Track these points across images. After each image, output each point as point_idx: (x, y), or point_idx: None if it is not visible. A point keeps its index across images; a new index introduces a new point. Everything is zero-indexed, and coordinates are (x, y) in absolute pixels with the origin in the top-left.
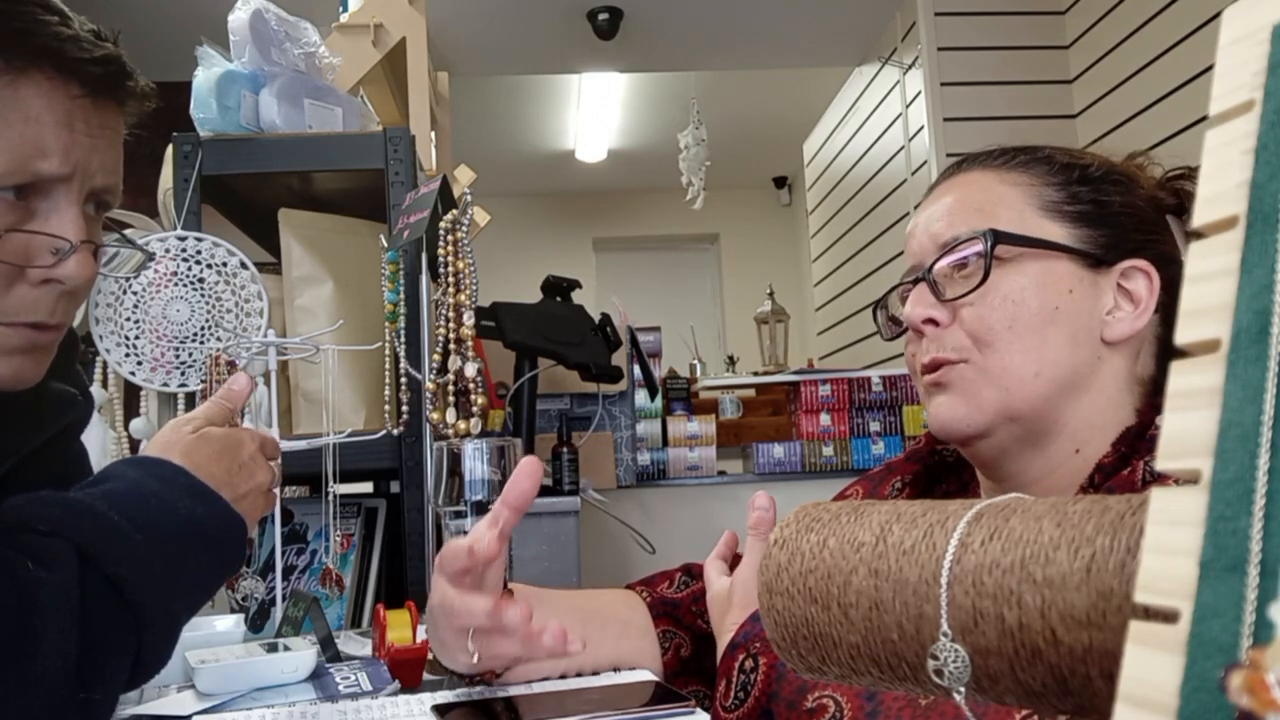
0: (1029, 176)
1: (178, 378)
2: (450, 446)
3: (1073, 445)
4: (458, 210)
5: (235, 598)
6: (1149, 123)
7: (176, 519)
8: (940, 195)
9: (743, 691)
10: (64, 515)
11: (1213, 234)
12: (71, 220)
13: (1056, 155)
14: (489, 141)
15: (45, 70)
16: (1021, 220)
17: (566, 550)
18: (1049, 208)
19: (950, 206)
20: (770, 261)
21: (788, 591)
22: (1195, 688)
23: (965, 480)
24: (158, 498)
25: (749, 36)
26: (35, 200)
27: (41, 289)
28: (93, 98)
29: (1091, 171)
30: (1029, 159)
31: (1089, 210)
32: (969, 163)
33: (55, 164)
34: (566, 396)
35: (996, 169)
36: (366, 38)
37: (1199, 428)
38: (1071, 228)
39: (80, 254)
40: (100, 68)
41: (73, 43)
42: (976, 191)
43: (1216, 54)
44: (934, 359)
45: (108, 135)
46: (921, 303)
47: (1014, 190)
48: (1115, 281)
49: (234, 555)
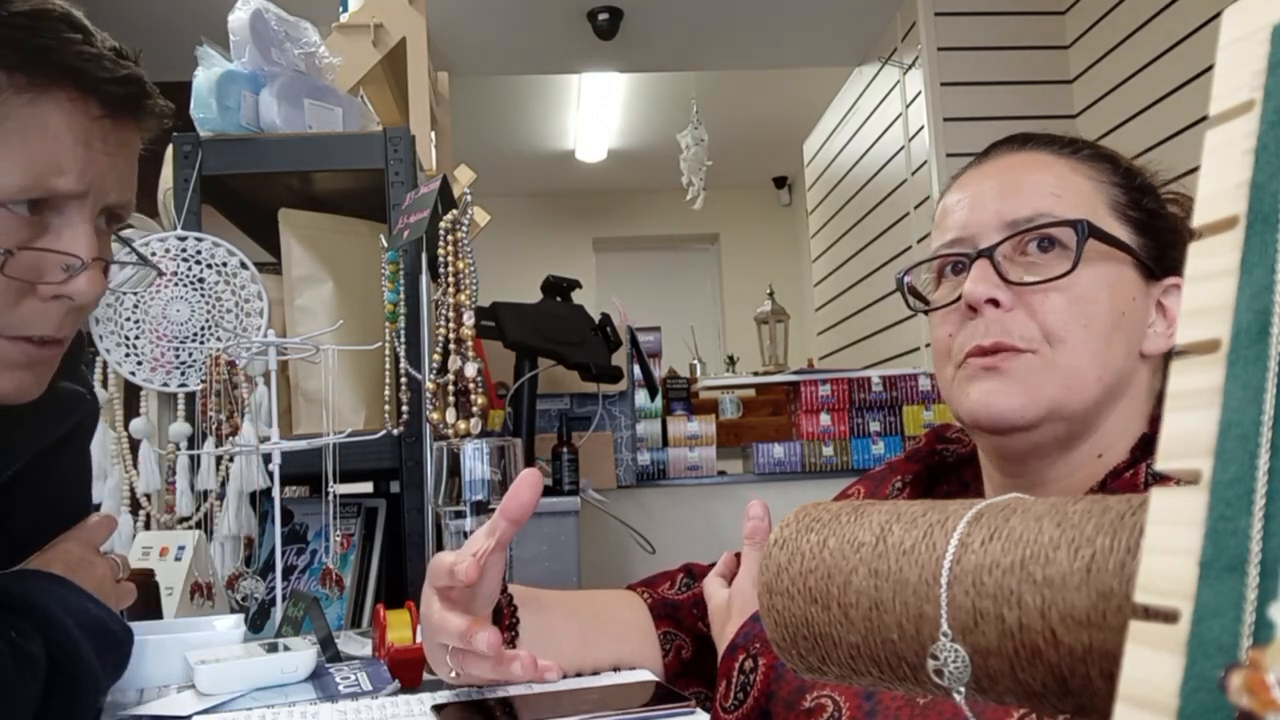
0: (1098, 172)
1: (178, 378)
2: (450, 446)
3: (1097, 450)
4: (458, 210)
5: (235, 598)
6: (1149, 123)
7: (88, 616)
8: (1004, 170)
9: (742, 692)
10: (23, 595)
11: (1213, 234)
12: (84, 236)
13: (1118, 156)
14: (489, 141)
15: (67, 89)
16: (1096, 216)
17: (566, 550)
18: (1117, 209)
19: (1023, 185)
20: (770, 261)
21: (788, 591)
22: (1195, 688)
23: (966, 481)
24: (70, 598)
25: (749, 36)
26: (48, 215)
27: (50, 304)
28: (112, 118)
29: (1146, 180)
30: (1094, 154)
31: (1147, 220)
32: (1033, 144)
33: (71, 181)
34: (566, 396)
35: (1066, 157)
36: (366, 38)
37: (1199, 428)
38: (1134, 233)
39: (91, 271)
40: (121, 88)
41: (95, 62)
42: (1050, 176)
43: (1216, 54)
44: (997, 342)
45: (125, 154)
46: (986, 280)
47: (1087, 183)
48: (1157, 297)
49: (128, 655)
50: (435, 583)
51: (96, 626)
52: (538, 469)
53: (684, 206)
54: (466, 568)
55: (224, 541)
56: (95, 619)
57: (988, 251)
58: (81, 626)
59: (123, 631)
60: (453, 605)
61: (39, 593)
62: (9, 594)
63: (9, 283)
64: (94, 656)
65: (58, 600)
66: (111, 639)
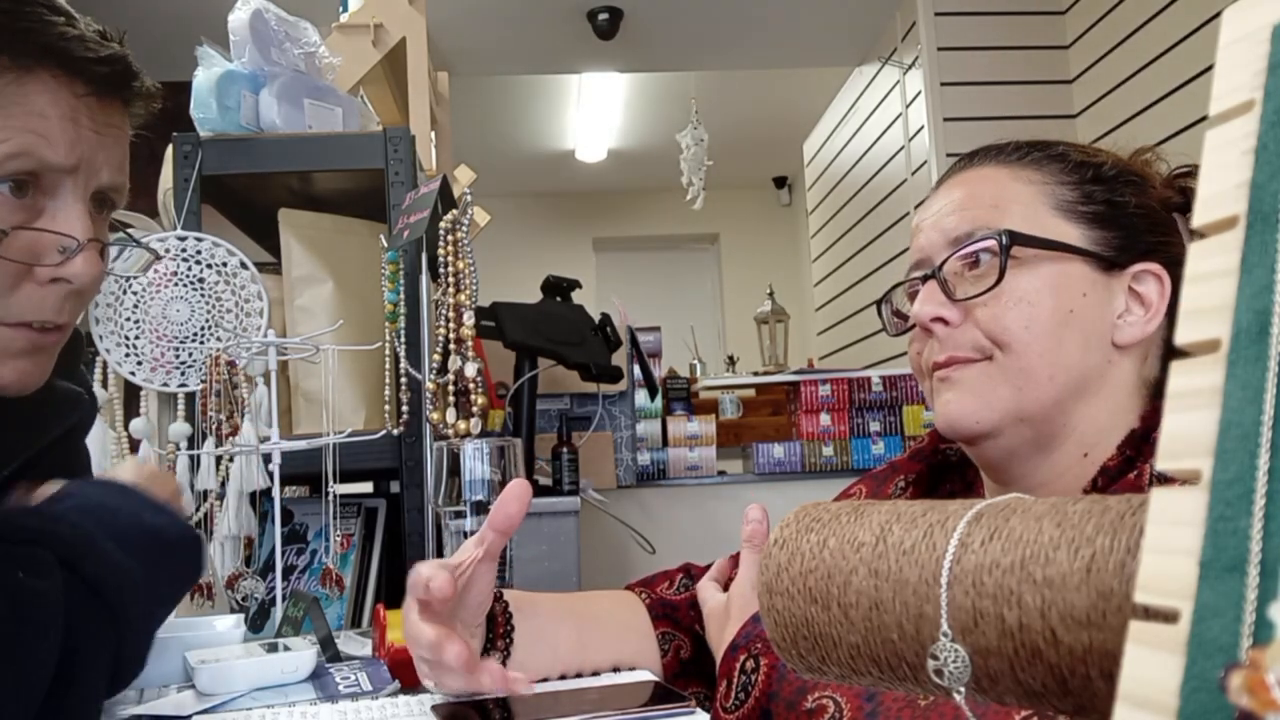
0: (1043, 174)
1: (178, 378)
2: (450, 446)
3: (1081, 449)
4: (458, 210)
5: (235, 598)
6: (1149, 123)
7: (142, 528)
8: (951, 189)
9: (743, 692)
10: (40, 525)
11: (1213, 234)
12: (78, 217)
13: (1070, 152)
14: (489, 141)
15: (51, 69)
16: (1035, 219)
17: (566, 550)
18: (1063, 207)
19: (962, 201)
20: (770, 261)
21: (788, 591)
22: (1195, 688)
23: (969, 480)
24: (122, 509)
25: (749, 36)
26: (41, 198)
27: (49, 288)
28: (98, 96)
29: (1105, 170)
30: (1043, 155)
31: (1103, 211)
32: (981, 157)
33: (61, 153)
34: (566, 396)
35: (1010, 165)
36: (366, 38)
37: (1199, 428)
38: (1085, 228)
39: (87, 252)
40: (106, 67)
41: (78, 42)
42: (989, 187)
43: (1216, 54)
44: (949, 356)
45: (113, 134)
46: (931, 301)
47: (1028, 188)
48: (1127, 284)
49: (195, 563)
50: (413, 594)
51: (151, 538)
52: (524, 481)
53: (684, 206)
54: (440, 585)
55: (224, 541)
56: (150, 529)
57: (934, 273)
58: (126, 540)
59: (183, 538)
60: (433, 615)
61: (76, 513)
62: (23, 526)
63: (5, 265)
64: (140, 572)
65: (98, 516)
66: (168, 549)
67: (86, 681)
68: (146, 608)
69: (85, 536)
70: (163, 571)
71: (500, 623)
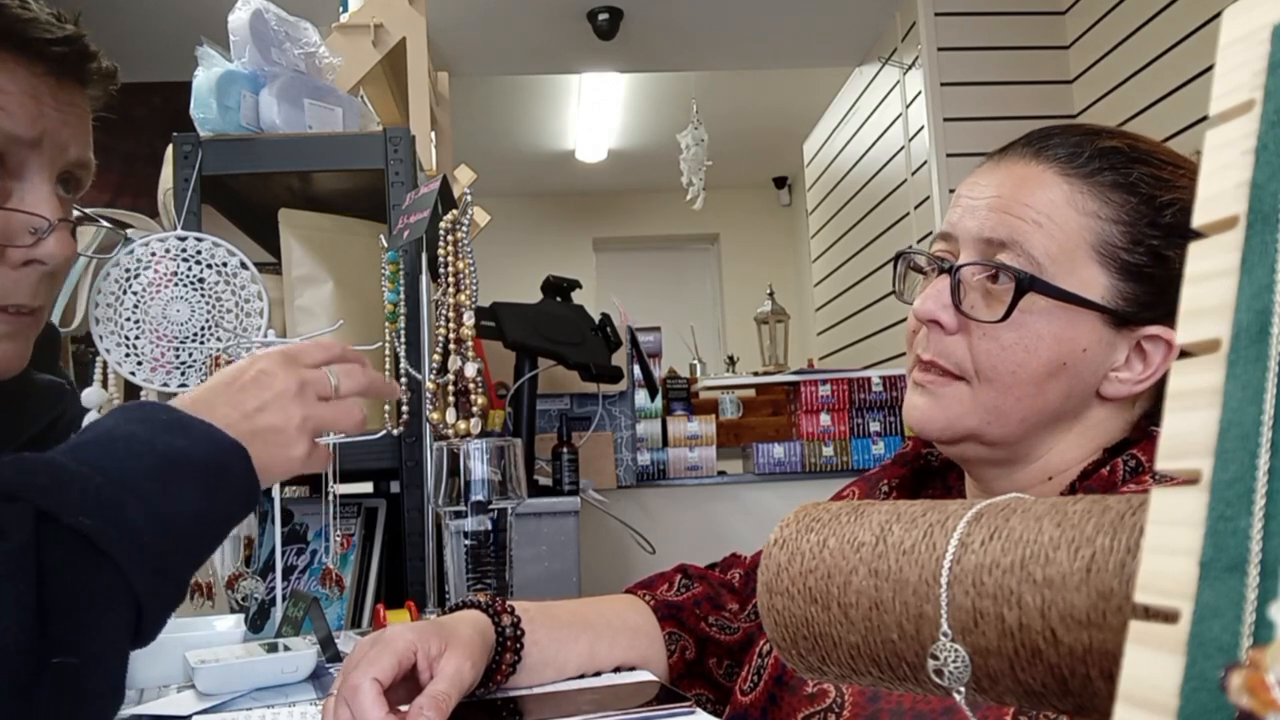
0: (1101, 205)
1: (178, 378)
2: (450, 446)
3: (1045, 474)
4: (458, 210)
5: (235, 598)
6: (1149, 123)
7: (152, 455)
8: (1008, 170)
9: (756, 675)
10: (18, 475)
11: (1213, 234)
12: (46, 197)
13: (1142, 184)
14: (489, 141)
15: (7, 49)
16: (1070, 257)
17: (566, 550)
18: (1105, 250)
19: (1009, 199)
20: (770, 261)
21: (788, 591)
22: (1195, 688)
23: (950, 485)
24: (129, 438)
25: (749, 36)
26: (8, 180)
27: (22, 271)
28: (56, 77)
29: (1167, 217)
30: (1110, 182)
31: (1144, 264)
32: (1053, 151)
33: (23, 126)
34: (566, 396)
35: (1073, 180)
36: (366, 38)
37: (1199, 428)
38: (1117, 279)
39: (59, 232)
40: (63, 47)
41: (33, 24)
42: (1042, 198)
43: (1216, 54)
44: (933, 360)
45: (75, 113)
46: (936, 300)
47: (1079, 219)
48: (1137, 340)
49: (231, 484)
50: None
51: (168, 465)
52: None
53: (684, 206)
54: None
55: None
56: (166, 455)
57: (955, 269)
58: (129, 474)
59: (213, 460)
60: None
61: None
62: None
63: None
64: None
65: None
66: (193, 474)
67: (86, 637)
68: (157, 547)
69: (67, 480)
70: (179, 501)
71: (510, 641)
